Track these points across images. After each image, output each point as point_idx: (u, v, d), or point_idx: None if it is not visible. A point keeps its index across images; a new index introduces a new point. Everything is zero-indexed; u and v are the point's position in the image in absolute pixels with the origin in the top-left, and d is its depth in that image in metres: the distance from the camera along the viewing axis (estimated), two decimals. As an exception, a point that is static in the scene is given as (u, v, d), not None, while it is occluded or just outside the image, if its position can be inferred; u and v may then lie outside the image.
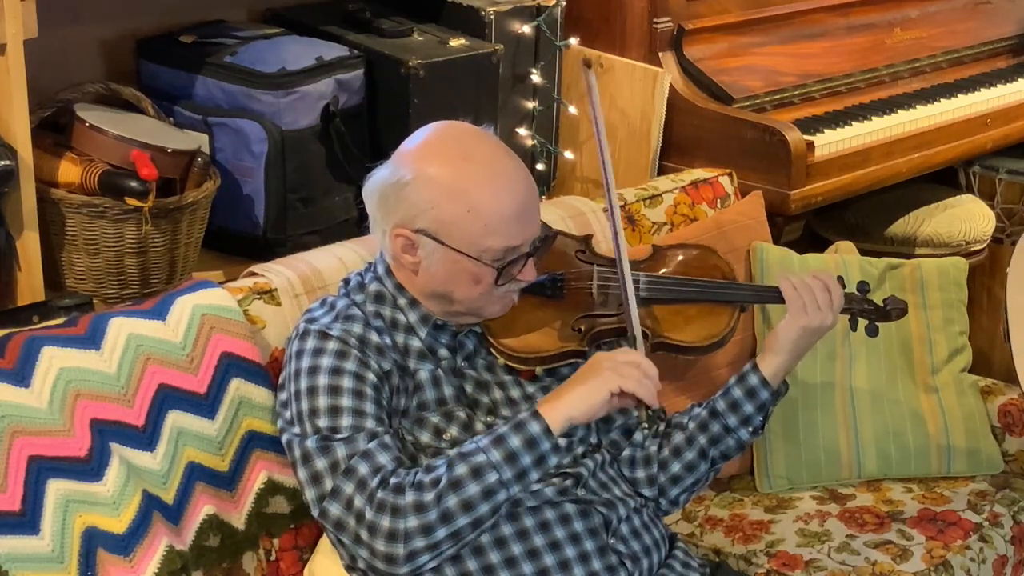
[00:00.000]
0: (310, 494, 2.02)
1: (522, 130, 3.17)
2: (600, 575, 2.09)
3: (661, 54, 3.25)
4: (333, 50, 2.82)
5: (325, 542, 2.21)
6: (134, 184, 2.47)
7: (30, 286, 2.41)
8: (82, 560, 1.95)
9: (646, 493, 2.27)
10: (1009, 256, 2.86)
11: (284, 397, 2.11)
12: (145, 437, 2.09)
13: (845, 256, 2.91)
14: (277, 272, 2.38)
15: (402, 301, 2.15)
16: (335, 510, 1.99)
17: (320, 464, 2.01)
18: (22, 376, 2.02)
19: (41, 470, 1.96)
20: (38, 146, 2.43)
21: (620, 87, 3.24)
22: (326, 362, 2.06)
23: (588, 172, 3.30)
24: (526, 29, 3.11)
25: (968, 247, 3.54)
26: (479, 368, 2.18)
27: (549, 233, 2.19)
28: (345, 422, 2.02)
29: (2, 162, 2.30)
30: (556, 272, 2.27)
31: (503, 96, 3.05)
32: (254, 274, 2.40)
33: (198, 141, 2.70)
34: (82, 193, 2.50)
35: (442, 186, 2.05)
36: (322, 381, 2.04)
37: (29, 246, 2.39)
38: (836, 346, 2.80)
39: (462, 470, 1.95)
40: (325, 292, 2.32)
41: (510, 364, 2.18)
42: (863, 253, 3.02)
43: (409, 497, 1.94)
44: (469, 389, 2.15)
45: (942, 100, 3.53)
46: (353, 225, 2.85)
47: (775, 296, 2.29)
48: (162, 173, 2.53)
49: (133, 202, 2.48)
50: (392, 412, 2.08)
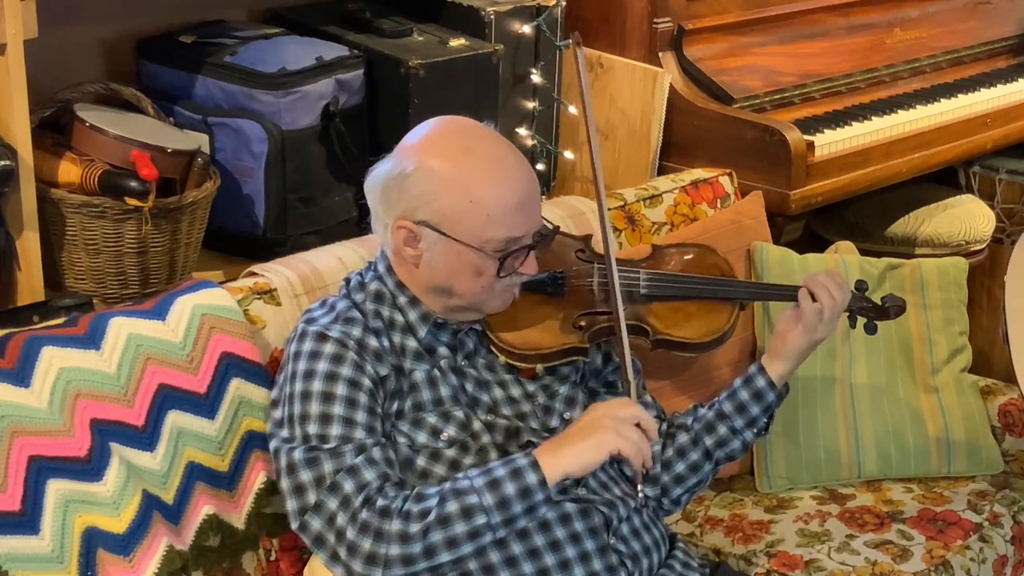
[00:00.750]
0: (292, 505, 2.01)
1: (522, 130, 3.17)
2: (600, 575, 2.09)
3: (661, 54, 3.25)
4: (333, 50, 2.82)
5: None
6: (134, 184, 2.47)
7: (30, 286, 2.41)
8: (82, 560, 1.95)
9: (648, 493, 2.27)
10: (1009, 256, 2.86)
11: (276, 396, 2.11)
12: (145, 437, 2.09)
13: (845, 256, 2.91)
14: (277, 272, 2.38)
15: (402, 300, 2.15)
16: (316, 524, 1.99)
17: (305, 476, 2.00)
18: (22, 376, 2.02)
19: (41, 470, 1.96)
20: (38, 146, 2.43)
21: (620, 87, 3.24)
22: (322, 367, 2.05)
23: (588, 172, 3.30)
24: (526, 29, 3.10)
25: (968, 247, 3.54)
26: (479, 367, 2.18)
27: (550, 228, 2.19)
28: (335, 431, 2.01)
29: (2, 162, 2.30)
30: (556, 270, 2.27)
31: (503, 96, 3.05)
32: (254, 274, 2.40)
33: (198, 141, 2.70)
34: (82, 193, 2.50)
35: (444, 177, 2.05)
36: (316, 387, 2.04)
37: (29, 246, 2.39)
38: (836, 346, 2.80)
39: (452, 507, 1.94)
40: (325, 292, 2.32)
41: (511, 362, 2.18)
42: (863, 253, 3.02)
43: (395, 525, 1.94)
44: (469, 388, 2.15)
45: (942, 100, 3.53)
46: (353, 225, 2.85)
47: (783, 294, 2.30)
48: (162, 173, 2.53)
49: (133, 202, 2.48)
50: (387, 416, 2.08)
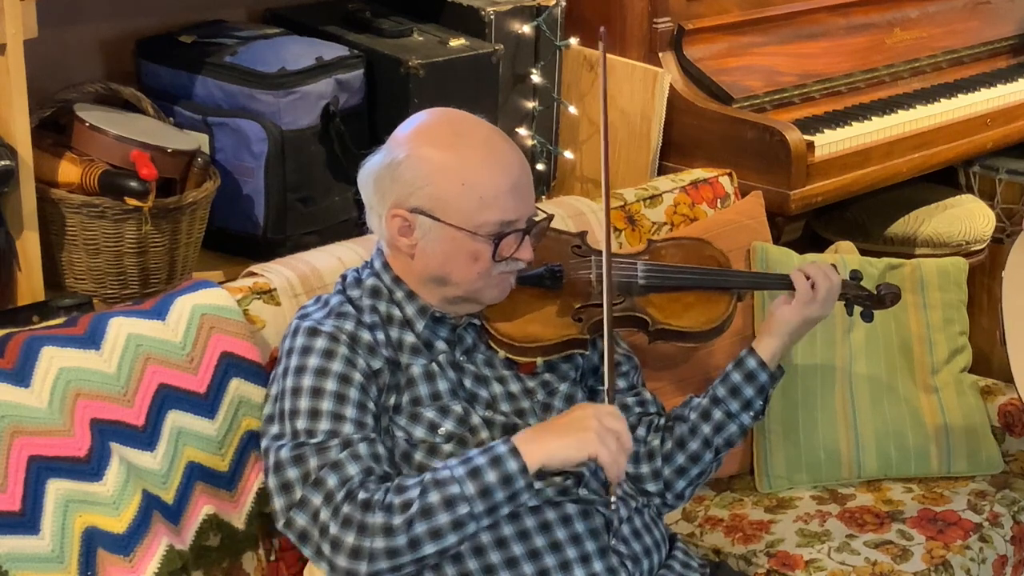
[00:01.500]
0: (279, 503, 2.02)
1: (522, 130, 3.17)
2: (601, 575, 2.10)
3: (661, 54, 3.25)
4: (333, 50, 2.82)
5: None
6: (134, 184, 2.47)
7: (30, 286, 2.41)
8: (82, 560, 1.95)
9: (651, 488, 2.27)
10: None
11: (269, 392, 2.12)
12: (145, 437, 2.09)
13: (845, 256, 2.91)
14: (276, 272, 2.38)
15: (399, 294, 2.15)
16: (301, 520, 1.99)
17: (292, 474, 2.00)
18: (22, 376, 2.02)
19: (41, 470, 1.96)
20: (38, 146, 2.43)
21: (620, 87, 3.24)
22: (312, 362, 2.06)
23: (588, 172, 3.30)
24: (526, 29, 3.11)
25: (968, 247, 3.54)
26: (478, 363, 2.18)
27: (545, 215, 2.19)
28: (322, 426, 2.01)
29: (2, 162, 2.30)
30: (554, 264, 2.27)
31: (503, 96, 3.05)
32: (253, 274, 2.40)
33: (198, 141, 2.70)
34: (82, 193, 2.50)
35: (436, 163, 2.06)
36: (306, 382, 2.05)
37: (29, 246, 2.39)
38: (836, 346, 2.80)
39: (434, 498, 1.94)
40: (324, 292, 2.31)
41: (510, 357, 2.18)
42: (863, 253, 3.02)
43: (378, 518, 1.93)
44: (468, 383, 2.15)
45: (942, 100, 3.53)
46: (353, 225, 2.85)
47: (780, 283, 2.31)
48: (162, 173, 2.53)
49: (133, 202, 2.48)
50: (382, 411, 2.08)
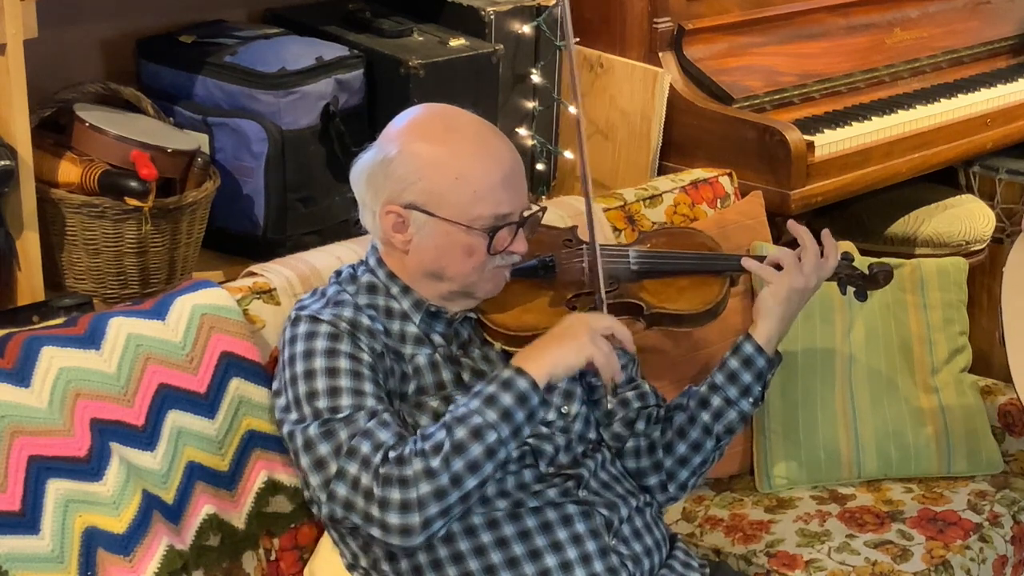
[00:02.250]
0: (316, 479, 2.01)
1: (522, 130, 3.17)
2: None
3: (661, 54, 3.25)
4: (333, 50, 2.82)
5: (325, 542, 2.21)
6: (134, 184, 2.48)
7: (30, 286, 2.41)
8: (82, 560, 1.95)
9: (652, 481, 2.27)
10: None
11: (278, 385, 2.11)
12: (145, 437, 2.09)
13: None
14: (276, 272, 2.38)
15: (395, 290, 2.15)
16: (342, 491, 1.98)
17: (324, 449, 2.00)
18: (22, 376, 2.02)
19: (41, 470, 1.96)
20: (38, 146, 2.43)
21: (620, 87, 3.24)
22: (320, 344, 2.06)
23: (588, 172, 3.29)
24: (526, 29, 3.10)
25: (968, 247, 3.54)
26: (475, 357, 2.18)
27: (538, 208, 2.20)
28: (345, 402, 2.01)
29: (2, 162, 2.30)
30: (546, 255, 2.28)
31: (503, 96, 3.05)
32: (253, 274, 2.40)
33: (198, 141, 2.70)
34: (82, 193, 2.50)
35: (428, 157, 2.06)
36: (319, 364, 2.04)
37: (29, 246, 2.39)
38: (836, 345, 2.80)
39: (462, 433, 1.95)
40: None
41: (506, 348, 2.18)
42: (863, 253, 3.01)
43: (417, 465, 1.94)
44: (466, 377, 2.15)
45: (942, 100, 3.53)
46: (353, 225, 2.84)
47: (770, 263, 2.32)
48: (162, 173, 2.53)
49: (133, 202, 2.48)
50: (390, 394, 2.08)
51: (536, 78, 3.16)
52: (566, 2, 2.25)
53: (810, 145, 3.11)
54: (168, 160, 2.56)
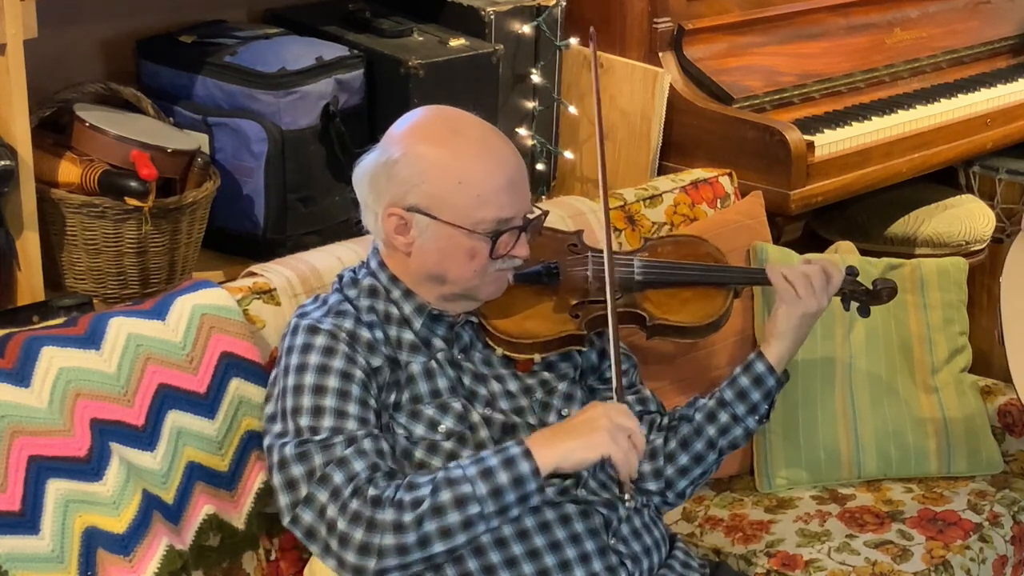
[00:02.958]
0: (284, 500, 2.01)
1: (522, 130, 3.17)
2: (600, 575, 2.10)
3: (661, 54, 3.25)
4: (333, 50, 2.82)
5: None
6: (134, 184, 2.48)
7: (30, 286, 2.41)
8: (82, 560, 1.95)
9: (651, 487, 2.27)
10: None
11: (270, 391, 2.11)
12: (145, 437, 2.10)
13: (845, 256, 2.91)
14: (276, 272, 2.38)
15: (396, 293, 2.15)
16: (308, 517, 1.98)
17: (296, 471, 2.00)
18: (22, 376, 2.02)
19: (41, 470, 1.96)
20: (38, 146, 2.43)
21: (620, 87, 3.24)
22: (314, 359, 2.05)
23: (588, 172, 3.30)
24: (526, 29, 3.11)
25: (968, 247, 3.54)
26: (476, 361, 2.18)
27: (540, 211, 2.19)
28: (326, 423, 2.01)
29: (2, 162, 2.30)
30: (551, 261, 2.27)
31: (503, 96, 3.05)
32: (253, 274, 2.40)
33: (198, 141, 2.71)
34: (82, 193, 2.50)
35: (432, 160, 2.06)
36: (308, 380, 2.04)
37: (29, 246, 2.39)
38: (836, 346, 2.80)
39: (446, 497, 1.93)
40: (324, 292, 2.31)
41: (508, 354, 2.18)
42: (863, 253, 3.02)
43: (388, 514, 1.93)
44: (466, 381, 2.15)
45: (942, 100, 3.53)
46: (353, 225, 2.84)
47: (763, 278, 2.31)
48: (162, 173, 2.53)
49: (133, 202, 2.48)
50: (382, 408, 2.08)
51: (536, 78, 3.16)
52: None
53: (810, 145, 3.11)
54: (168, 160, 2.57)
